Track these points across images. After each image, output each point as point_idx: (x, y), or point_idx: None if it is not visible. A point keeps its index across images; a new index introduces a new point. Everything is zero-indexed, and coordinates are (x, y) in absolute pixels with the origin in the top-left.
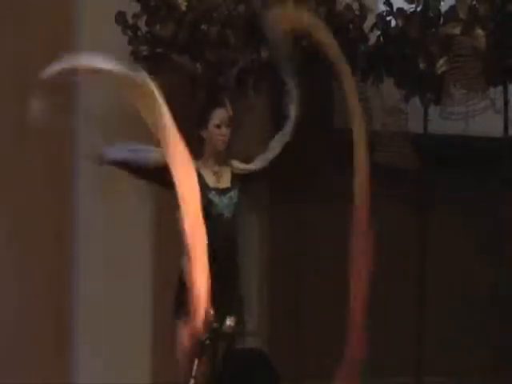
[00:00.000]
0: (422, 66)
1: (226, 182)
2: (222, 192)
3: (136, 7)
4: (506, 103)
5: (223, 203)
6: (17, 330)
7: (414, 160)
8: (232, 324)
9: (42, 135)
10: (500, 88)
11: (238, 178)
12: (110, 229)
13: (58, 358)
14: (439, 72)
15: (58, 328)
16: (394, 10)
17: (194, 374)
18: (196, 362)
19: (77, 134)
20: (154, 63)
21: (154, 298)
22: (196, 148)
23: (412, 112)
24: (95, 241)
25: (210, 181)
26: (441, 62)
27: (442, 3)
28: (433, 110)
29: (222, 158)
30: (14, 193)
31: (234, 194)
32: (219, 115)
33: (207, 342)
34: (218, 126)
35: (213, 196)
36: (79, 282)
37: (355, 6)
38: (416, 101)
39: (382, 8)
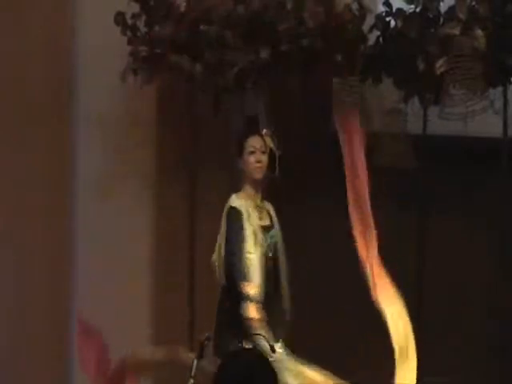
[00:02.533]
0: (421, 66)
1: (266, 220)
2: (265, 229)
3: (135, 7)
4: (505, 104)
5: (267, 242)
6: (16, 331)
7: (413, 160)
8: (281, 349)
9: (41, 134)
10: (499, 88)
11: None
12: (110, 229)
13: (57, 359)
14: (438, 72)
15: (58, 328)
16: (394, 10)
17: (192, 374)
18: (195, 362)
19: (77, 134)
20: (153, 63)
21: (154, 297)
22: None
23: (411, 112)
24: (95, 241)
25: (255, 216)
26: (440, 62)
27: (441, 4)
28: (432, 111)
29: (262, 189)
30: (13, 192)
31: (274, 232)
32: (253, 142)
33: (206, 342)
34: (252, 153)
35: (258, 232)
36: (79, 282)
37: (354, 6)
38: (415, 101)
39: (382, 8)
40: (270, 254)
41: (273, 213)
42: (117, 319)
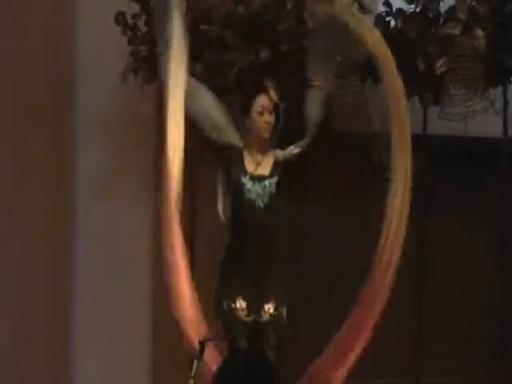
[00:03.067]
0: (421, 66)
1: (264, 169)
2: (258, 179)
3: (135, 7)
4: (505, 104)
5: (256, 191)
6: (16, 331)
7: (413, 160)
8: (272, 310)
9: (41, 134)
10: (499, 88)
11: (279, 167)
12: (110, 229)
13: (57, 359)
14: (439, 72)
15: (57, 328)
16: (394, 10)
17: (192, 374)
18: (195, 362)
19: (77, 134)
20: (153, 63)
21: (153, 297)
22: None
23: (411, 112)
24: (95, 241)
25: (249, 166)
26: (440, 62)
27: (441, 4)
28: (432, 111)
29: (266, 147)
30: (13, 192)
31: (269, 182)
32: (261, 102)
33: (206, 342)
34: (261, 114)
35: (246, 181)
36: (79, 282)
37: (354, 6)
38: (415, 101)
39: (382, 8)
40: (261, 205)
41: (286, 156)
42: (117, 319)
